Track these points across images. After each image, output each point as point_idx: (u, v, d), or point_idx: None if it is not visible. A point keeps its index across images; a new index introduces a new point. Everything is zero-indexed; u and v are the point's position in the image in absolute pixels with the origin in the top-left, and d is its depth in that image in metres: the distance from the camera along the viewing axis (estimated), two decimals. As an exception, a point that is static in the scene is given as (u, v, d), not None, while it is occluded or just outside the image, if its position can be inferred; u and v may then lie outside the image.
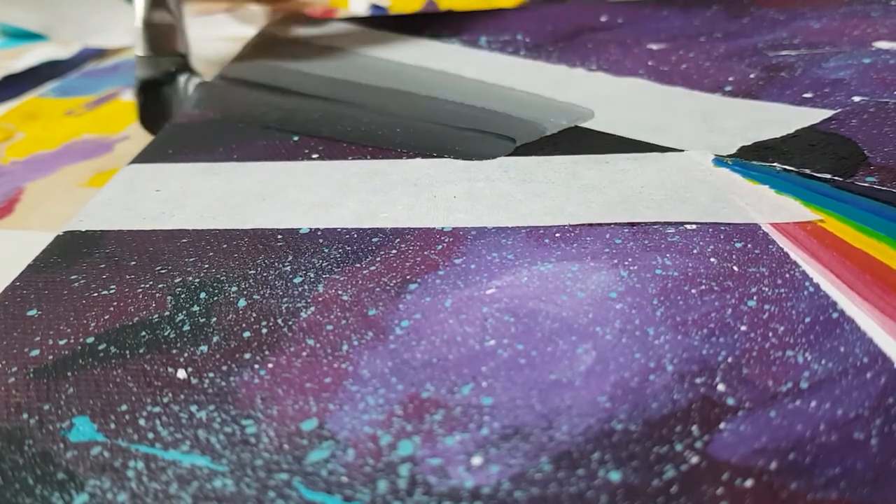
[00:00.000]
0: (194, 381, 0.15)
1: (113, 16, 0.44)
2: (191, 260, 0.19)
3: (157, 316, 0.17)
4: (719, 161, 0.21)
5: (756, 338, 0.14)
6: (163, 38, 0.31)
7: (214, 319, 0.17)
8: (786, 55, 0.28)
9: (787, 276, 0.16)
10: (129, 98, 0.33)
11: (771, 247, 0.17)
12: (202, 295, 0.18)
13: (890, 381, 0.13)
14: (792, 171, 0.20)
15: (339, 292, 0.17)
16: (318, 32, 0.38)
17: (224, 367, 0.15)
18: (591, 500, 0.12)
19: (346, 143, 0.25)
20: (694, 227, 0.18)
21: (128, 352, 0.16)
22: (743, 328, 0.15)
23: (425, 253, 0.18)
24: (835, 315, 0.15)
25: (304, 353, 0.15)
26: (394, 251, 0.18)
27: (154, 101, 0.30)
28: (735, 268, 0.16)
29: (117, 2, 0.46)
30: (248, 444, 0.13)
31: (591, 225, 0.19)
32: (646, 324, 0.15)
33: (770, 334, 0.14)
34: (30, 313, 0.18)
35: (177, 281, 0.18)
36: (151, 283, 0.18)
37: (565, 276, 0.17)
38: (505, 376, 0.14)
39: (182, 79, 0.31)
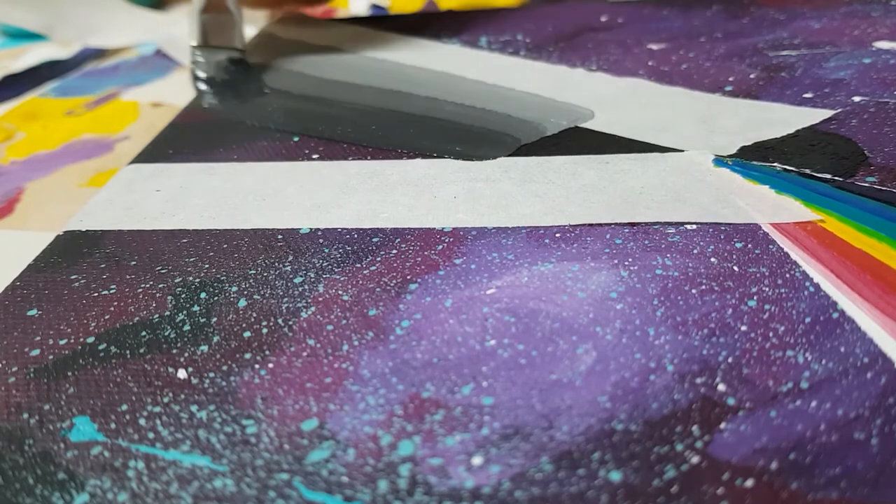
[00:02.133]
0: (195, 381, 0.15)
1: (113, 16, 0.44)
2: (191, 260, 0.19)
3: (157, 316, 0.17)
4: (719, 161, 0.21)
5: (756, 338, 0.14)
6: (218, 30, 0.32)
7: (215, 319, 0.17)
8: (786, 55, 0.28)
9: (788, 276, 0.16)
10: (129, 98, 0.33)
11: (771, 247, 0.17)
12: (202, 295, 0.18)
13: (890, 381, 0.13)
14: (792, 171, 0.20)
15: (340, 292, 0.17)
16: (318, 32, 0.38)
17: (224, 367, 0.15)
18: (591, 500, 0.12)
19: (346, 143, 0.25)
20: (694, 227, 0.18)
21: (128, 352, 0.16)
22: (743, 328, 0.15)
23: (426, 253, 0.18)
24: (835, 315, 0.15)
25: (305, 353, 0.15)
26: (394, 251, 0.18)
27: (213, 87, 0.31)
28: (735, 268, 0.16)
29: (117, 2, 0.46)
30: (248, 444, 0.13)
31: (591, 225, 0.19)
32: (646, 324, 0.15)
33: (770, 334, 0.14)
34: (30, 313, 0.18)
35: (177, 281, 0.18)
36: (152, 282, 0.18)
37: (565, 276, 0.17)
38: (505, 376, 0.14)
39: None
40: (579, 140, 0.23)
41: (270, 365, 0.15)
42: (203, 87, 0.32)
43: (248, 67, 0.33)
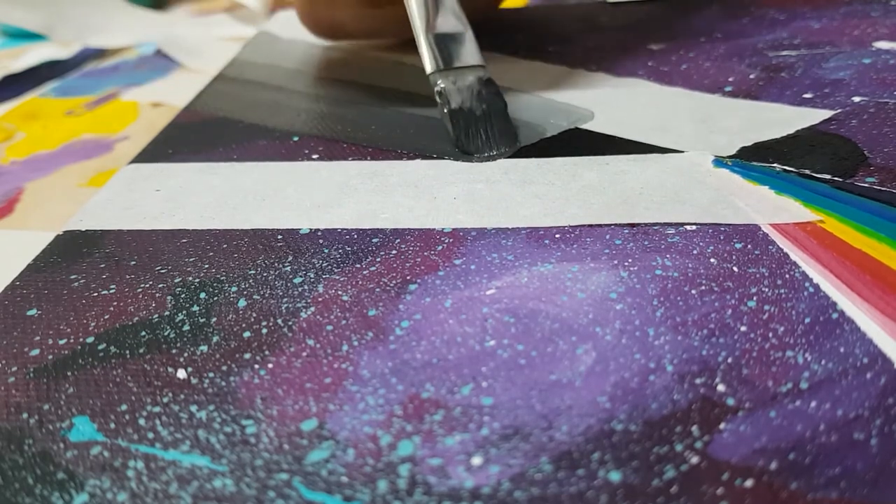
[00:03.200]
0: (194, 381, 0.15)
1: (113, 16, 0.44)
2: (191, 260, 0.19)
3: (157, 316, 0.17)
4: (719, 162, 0.21)
5: (756, 338, 0.14)
6: (455, 47, 0.25)
7: (214, 319, 0.17)
8: (786, 55, 0.28)
9: (787, 276, 0.16)
10: (129, 98, 0.33)
11: (771, 247, 0.17)
12: (202, 295, 0.18)
13: (890, 382, 0.13)
14: (792, 171, 0.20)
15: (340, 293, 0.17)
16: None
17: (224, 367, 0.15)
18: (591, 500, 0.12)
19: (346, 143, 0.25)
20: (694, 227, 0.18)
21: (128, 352, 0.16)
22: (743, 329, 0.15)
23: (425, 253, 0.18)
24: (835, 315, 0.15)
25: (304, 354, 0.15)
26: (394, 252, 0.18)
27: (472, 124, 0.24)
28: (735, 268, 0.16)
29: (117, 2, 0.46)
30: (248, 444, 0.13)
31: (590, 226, 0.19)
32: (646, 324, 0.15)
33: (770, 335, 0.14)
34: (30, 313, 0.18)
35: (177, 281, 0.18)
36: (151, 282, 0.18)
37: (565, 276, 0.17)
38: (505, 376, 0.14)
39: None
40: (579, 141, 0.23)
41: (270, 365, 0.15)
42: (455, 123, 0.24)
43: (499, 89, 0.25)
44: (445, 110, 0.24)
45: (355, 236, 0.19)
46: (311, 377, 0.15)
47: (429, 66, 0.24)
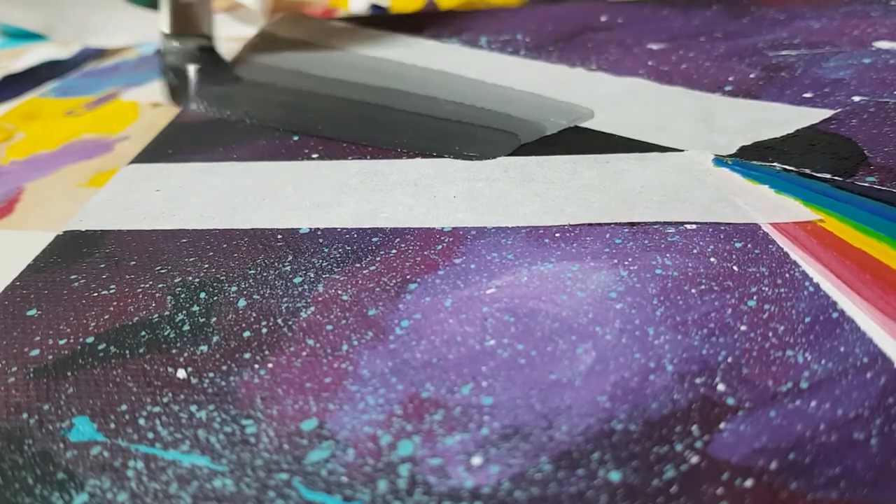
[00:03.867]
0: (194, 380, 0.15)
1: (113, 16, 0.44)
2: (191, 260, 0.19)
3: (157, 316, 0.17)
4: (719, 161, 0.21)
5: (756, 338, 0.14)
6: (188, 18, 0.32)
7: (214, 319, 0.17)
8: (786, 55, 0.28)
9: (787, 275, 0.16)
10: (129, 98, 0.33)
11: (771, 247, 0.17)
12: (202, 295, 0.18)
13: (890, 381, 0.13)
14: (792, 170, 0.20)
15: (339, 292, 0.17)
16: (318, 32, 0.38)
17: (224, 367, 0.15)
18: (591, 500, 0.12)
19: (346, 142, 0.25)
20: (694, 226, 0.18)
21: (128, 352, 0.16)
22: (743, 328, 0.15)
23: (425, 253, 0.18)
24: (835, 315, 0.15)
25: (304, 353, 0.15)
26: (394, 251, 0.18)
27: (182, 80, 0.32)
28: (735, 268, 0.16)
29: (117, 2, 0.46)
30: (247, 443, 0.13)
31: (590, 225, 0.19)
32: (646, 324, 0.15)
33: (770, 334, 0.14)
34: (30, 313, 0.18)
35: (177, 281, 0.18)
36: (151, 282, 0.18)
37: (565, 275, 0.17)
38: (505, 376, 0.14)
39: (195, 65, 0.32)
40: (579, 140, 0.23)
41: (270, 365, 0.15)
42: (172, 76, 0.31)
43: (218, 57, 0.33)
44: (162, 66, 0.32)
45: (355, 235, 0.19)
46: (311, 377, 0.15)
47: (165, 28, 0.32)
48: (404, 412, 0.14)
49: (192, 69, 0.32)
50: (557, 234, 0.18)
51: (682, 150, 0.22)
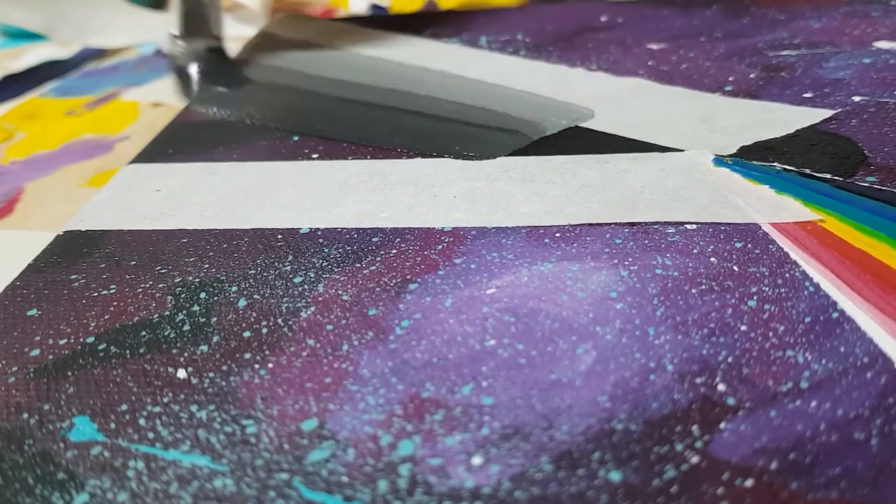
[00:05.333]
0: (194, 380, 0.15)
1: (113, 16, 0.44)
2: (191, 260, 0.19)
3: (157, 316, 0.17)
4: (719, 161, 0.21)
5: (756, 338, 0.14)
6: (197, 20, 0.32)
7: (214, 319, 0.17)
8: (786, 55, 0.28)
9: (787, 275, 0.16)
10: (129, 98, 0.33)
11: (771, 247, 0.17)
12: (202, 295, 0.18)
13: (890, 381, 0.13)
14: (792, 170, 0.20)
15: (340, 292, 0.17)
16: (318, 32, 0.38)
17: (224, 367, 0.15)
18: (591, 500, 0.12)
19: (346, 142, 0.25)
20: (694, 226, 0.18)
21: (128, 352, 0.16)
22: (743, 328, 0.15)
23: (425, 253, 0.18)
24: (835, 315, 0.15)
25: (305, 353, 0.15)
26: (394, 251, 0.18)
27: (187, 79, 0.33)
28: (735, 267, 0.16)
29: (117, 2, 0.46)
30: (248, 443, 0.13)
31: (591, 225, 0.19)
32: (646, 324, 0.15)
33: (770, 334, 0.14)
34: (30, 313, 0.18)
35: (177, 281, 0.18)
36: (151, 282, 0.18)
37: (565, 275, 0.17)
38: (505, 376, 0.14)
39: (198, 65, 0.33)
40: (579, 139, 0.23)
41: (270, 365, 0.15)
42: (180, 77, 0.32)
43: (227, 58, 0.33)
44: (172, 66, 0.33)
45: (355, 235, 0.19)
46: (312, 377, 0.15)
47: (174, 30, 0.32)
48: (405, 412, 0.14)
49: (194, 69, 0.32)
50: (558, 234, 0.18)
51: (682, 150, 0.22)
